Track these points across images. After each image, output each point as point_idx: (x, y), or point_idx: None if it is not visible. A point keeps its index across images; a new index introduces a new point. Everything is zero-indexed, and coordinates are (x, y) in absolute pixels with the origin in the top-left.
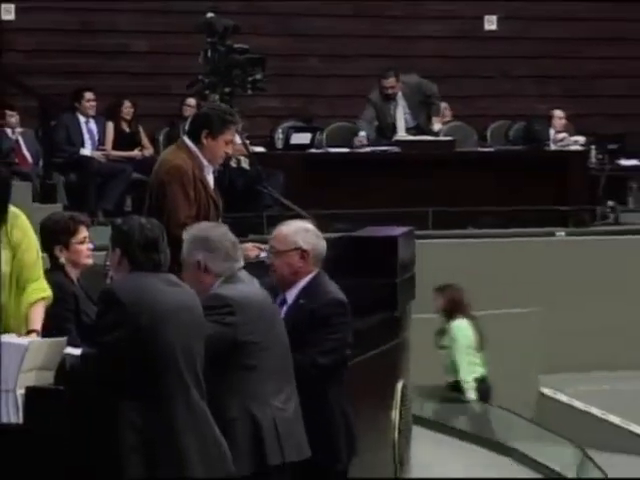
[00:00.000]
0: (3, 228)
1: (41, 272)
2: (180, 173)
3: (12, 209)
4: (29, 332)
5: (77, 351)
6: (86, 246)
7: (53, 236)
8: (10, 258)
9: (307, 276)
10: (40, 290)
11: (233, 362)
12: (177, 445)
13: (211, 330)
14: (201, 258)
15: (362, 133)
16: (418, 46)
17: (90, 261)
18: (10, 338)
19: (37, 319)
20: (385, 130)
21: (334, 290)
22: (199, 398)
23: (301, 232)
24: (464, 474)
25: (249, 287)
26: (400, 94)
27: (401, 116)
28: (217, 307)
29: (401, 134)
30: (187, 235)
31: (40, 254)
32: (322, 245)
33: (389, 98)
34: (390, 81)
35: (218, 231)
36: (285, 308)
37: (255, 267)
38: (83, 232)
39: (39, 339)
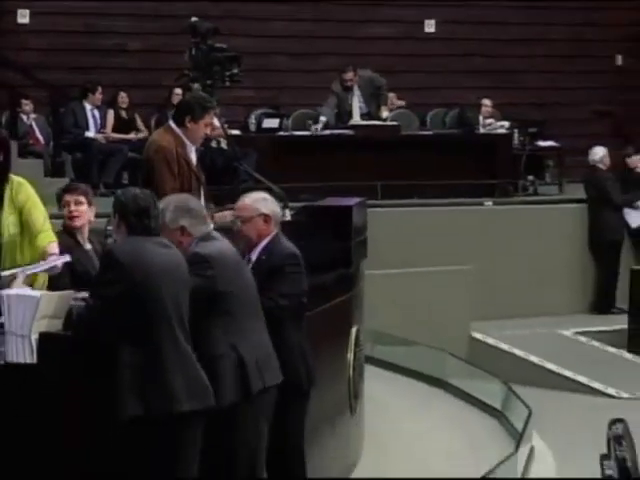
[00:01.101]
0: (8, 195)
1: (48, 226)
2: (164, 152)
3: (18, 179)
4: (50, 254)
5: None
6: (67, 210)
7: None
8: (18, 221)
9: (268, 237)
10: (48, 236)
11: (216, 308)
12: (167, 383)
13: (194, 283)
14: (186, 224)
15: (322, 118)
16: (371, 45)
17: (76, 223)
18: (25, 291)
19: (54, 249)
20: (343, 115)
21: (289, 246)
22: (184, 342)
23: (261, 201)
24: (408, 404)
25: (222, 244)
26: (356, 86)
27: (357, 104)
28: (198, 263)
29: (356, 119)
30: (168, 205)
31: (46, 215)
32: (279, 210)
33: (347, 89)
34: (349, 75)
35: (195, 201)
36: (250, 265)
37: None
38: (65, 198)
39: (50, 292)
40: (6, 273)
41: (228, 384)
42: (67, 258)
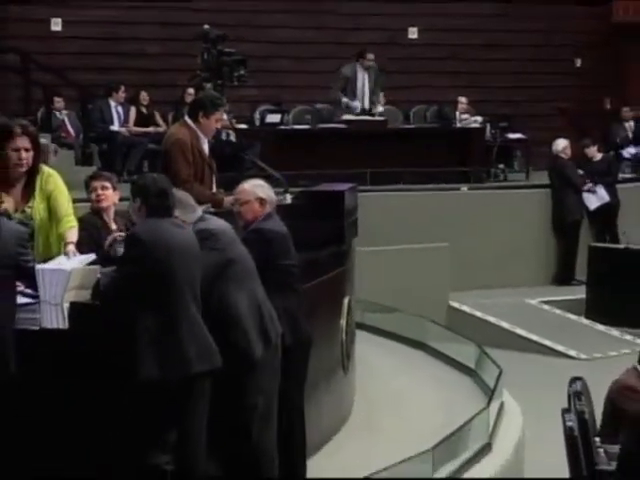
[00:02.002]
0: (39, 184)
1: (71, 212)
2: (181, 144)
3: (48, 170)
4: (67, 244)
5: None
6: (95, 194)
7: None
8: (47, 207)
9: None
10: (70, 221)
11: (225, 273)
12: (180, 348)
13: (210, 256)
14: (178, 214)
15: (355, 104)
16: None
17: (102, 204)
18: (57, 265)
19: (72, 236)
20: (350, 94)
21: (263, 224)
22: (196, 311)
23: (258, 186)
24: (393, 365)
25: (217, 221)
26: (371, 70)
27: (367, 85)
28: (208, 238)
29: (365, 97)
30: None
31: (70, 201)
32: (273, 194)
33: (367, 68)
34: (371, 56)
35: (182, 193)
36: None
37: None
38: (92, 184)
39: (80, 266)
40: (54, 265)
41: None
42: (93, 256)
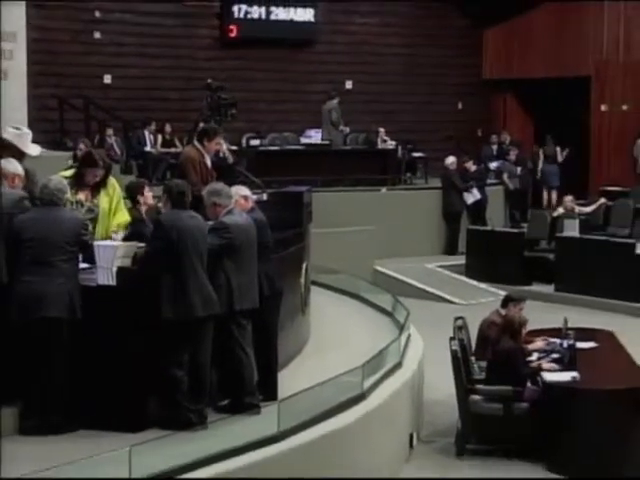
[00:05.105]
0: (104, 187)
1: (122, 207)
2: (191, 160)
3: (112, 179)
4: (115, 230)
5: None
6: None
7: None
8: (109, 201)
9: (247, 209)
10: (121, 215)
11: (226, 257)
12: (189, 298)
13: (216, 241)
14: (216, 200)
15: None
16: (314, 97)
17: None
18: (108, 242)
19: (119, 225)
20: (338, 123)
21: (233, 216)
22: (202, 273)
23: (241, 189)
24: (337, 310)
25: (237, 217)
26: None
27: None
28: (220, 229)
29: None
30: (206, 191)
31: (122, 200)
32: (251, 194)
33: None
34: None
35: (222, 185)
36: None
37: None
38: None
39: (124, 243)
40: (106, 243)
41: (221, 303)
42: (137, 244)
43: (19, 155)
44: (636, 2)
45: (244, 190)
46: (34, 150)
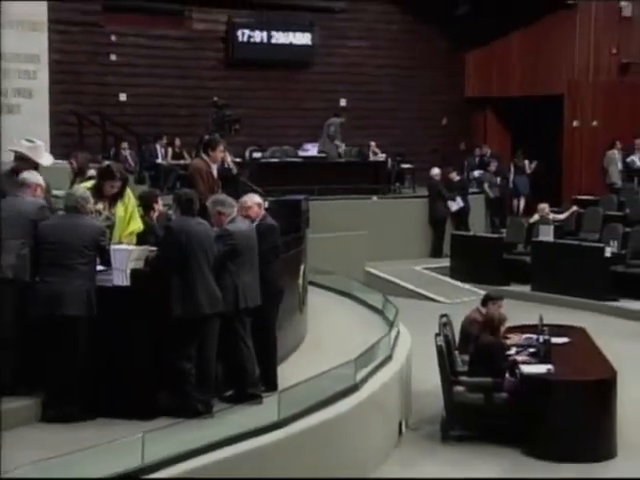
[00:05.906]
0: (121, 198)
1: (136, 215)
2: (199, 170)
3: (128, 190)
4: (128, 236)
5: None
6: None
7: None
8: (125, 209)
9: (261, 215)
10: (135, 224)
11: (230, 261)
12: (196, 297)
13: (220, 247)
14: (220, 209)
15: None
16: (309, 113)
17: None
18: (123, 247)
19: (134, 230)
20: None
21: (236, 224)
22: (209, 274)
23: (255, 197)
24: (332, 308)
25: (241, 224)
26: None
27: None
28: (225, 236)
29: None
30: (210, 201)
31: (136, 209)
32: (263, 201)
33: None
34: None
35: (225, 196)
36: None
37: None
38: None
39: (137, 247)
40: (121, 247)
41: (226, 302)
42: (149, 247)
43: (35, 166)
44: (605, 28)
45: (258, 198)
46: (46, 160)
